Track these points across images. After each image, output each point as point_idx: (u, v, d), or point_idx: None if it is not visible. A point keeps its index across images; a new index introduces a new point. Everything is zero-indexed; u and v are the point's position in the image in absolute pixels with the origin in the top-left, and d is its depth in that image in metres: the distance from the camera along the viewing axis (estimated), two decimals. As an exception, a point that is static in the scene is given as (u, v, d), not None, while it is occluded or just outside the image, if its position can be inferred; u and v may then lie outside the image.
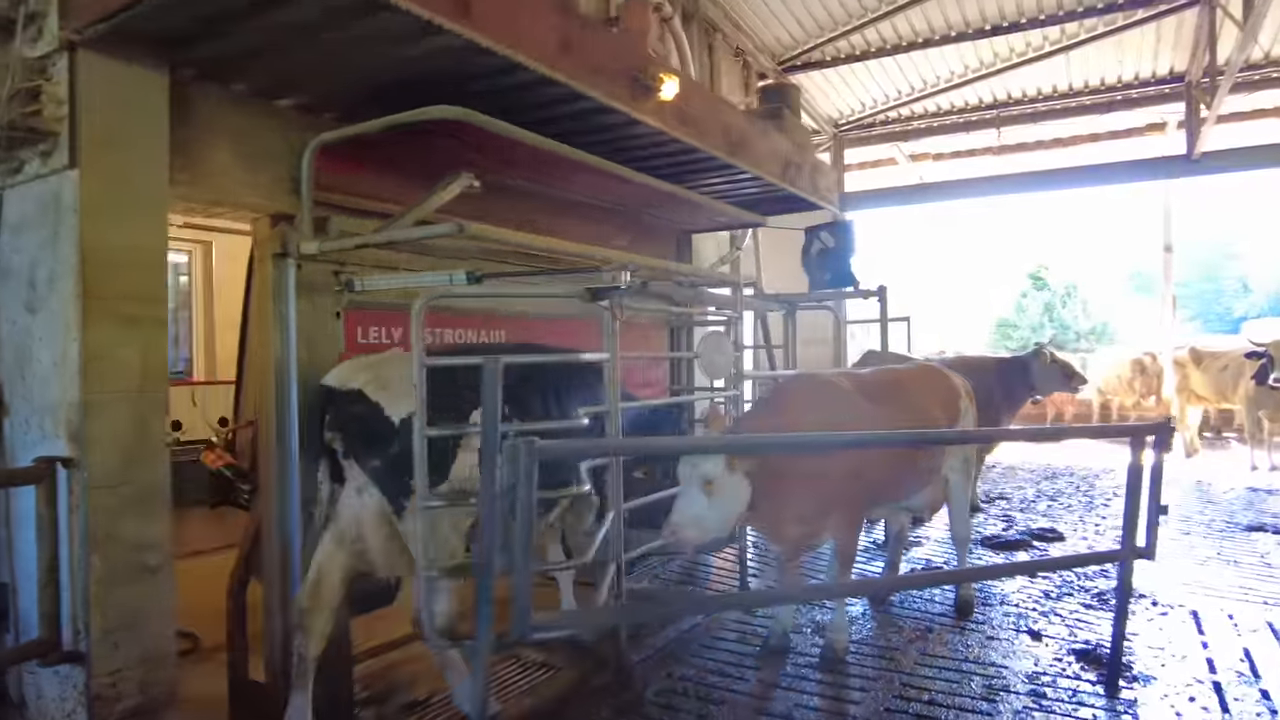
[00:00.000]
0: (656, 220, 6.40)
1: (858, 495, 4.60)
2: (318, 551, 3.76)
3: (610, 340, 4.24)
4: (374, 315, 4.32)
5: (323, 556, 3.74)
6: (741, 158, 5.28)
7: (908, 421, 4.84)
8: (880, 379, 5.06)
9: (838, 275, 7.55)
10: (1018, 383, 9.12)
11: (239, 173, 3.80)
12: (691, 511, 3.88)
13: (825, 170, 6.81)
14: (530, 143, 3.91)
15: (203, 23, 3.10)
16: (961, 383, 5.55)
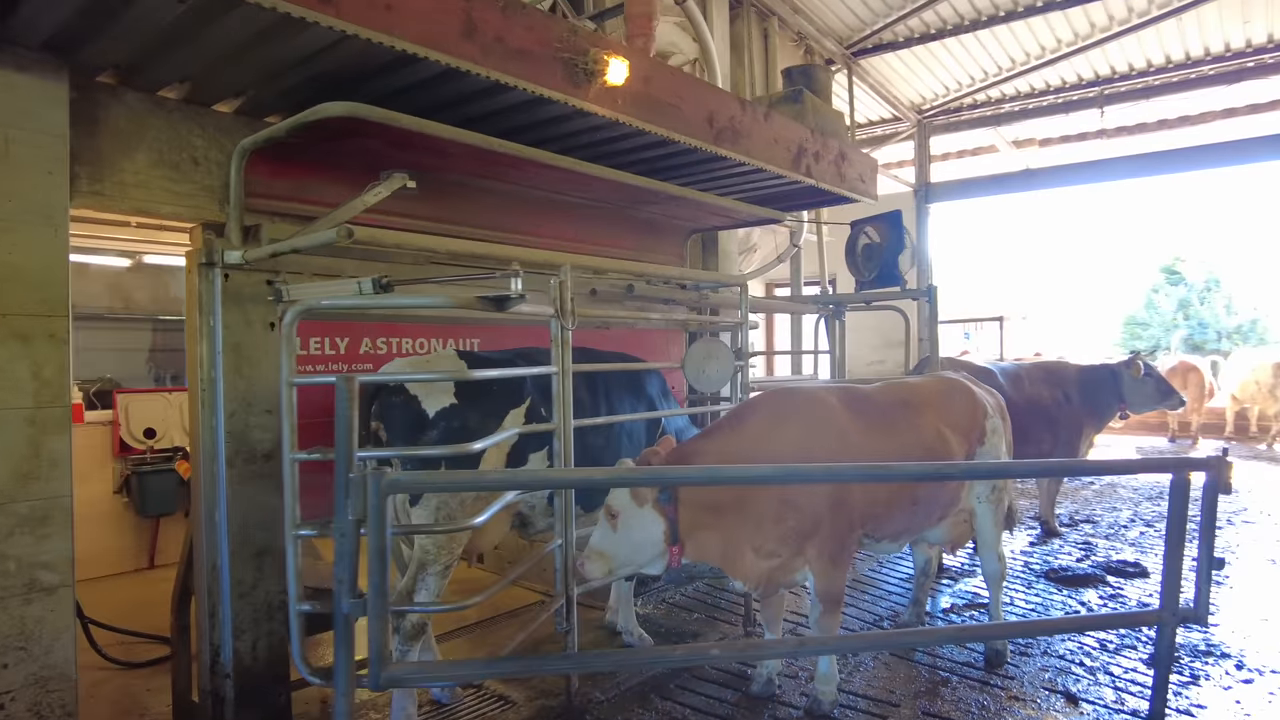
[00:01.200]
0: (663, 219, 5.92)
1: (838, 527, 3.97)
2: None
3: (559, 350, 3.86)
4: (317, 326, 4.11)
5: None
6: (731, 147, 4.73)
7: (905, 446, 4.17)
8: (881, 395, 4.38)
9: (884, 273, 6.79)
10: (1105, 393, 8.05)
11: (163, 182, 3.66)
12: (597, 544, 3.63)
13: (857, 158, 6.10)
14: (446, 136, 3.59)
15: (78, 20, 2.95)
16: (991, 400, 4.77)
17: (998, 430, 4.66)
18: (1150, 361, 8.79)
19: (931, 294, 6.57)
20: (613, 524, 3.60)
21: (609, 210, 5.52)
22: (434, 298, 3.30)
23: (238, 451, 3.78)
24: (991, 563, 4.77)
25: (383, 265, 4.39)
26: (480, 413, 3.90)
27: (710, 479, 3.54)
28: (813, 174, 5.48)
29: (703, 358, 4.85)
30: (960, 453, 4.38)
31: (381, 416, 3.82)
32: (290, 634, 3.25)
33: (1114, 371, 8.09)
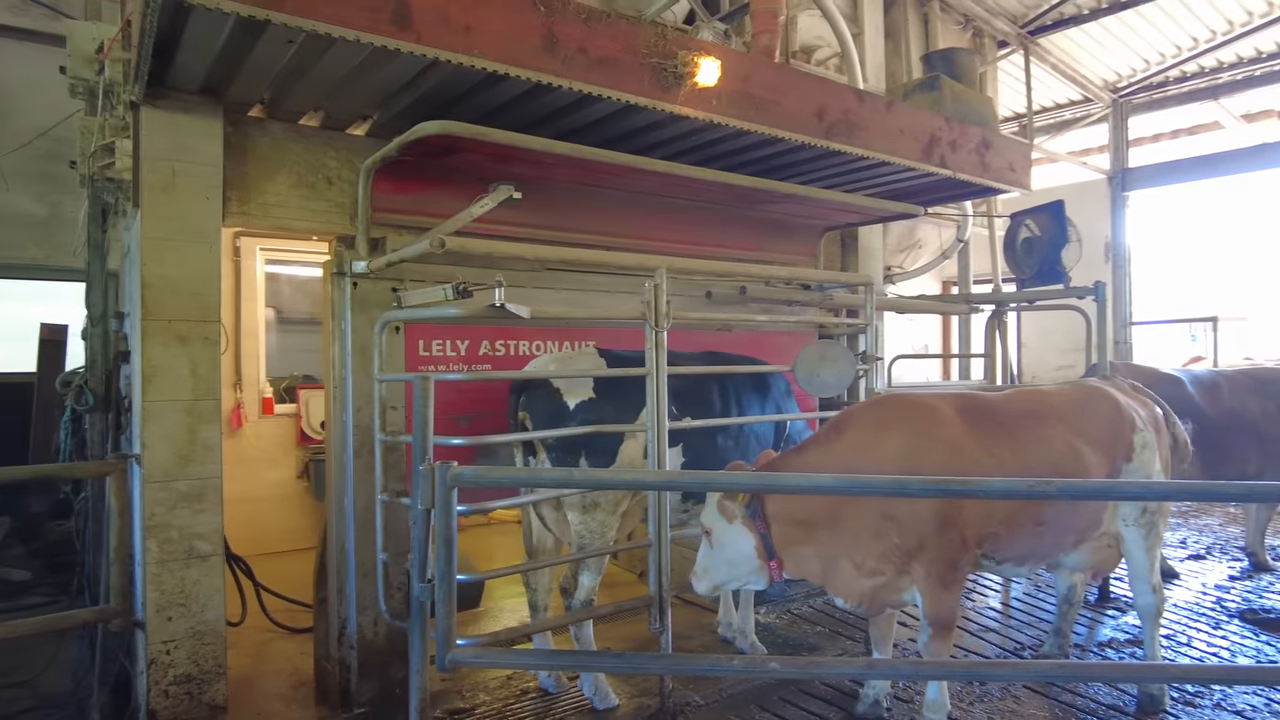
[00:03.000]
0: (789, 218, 5.73)
1: (947, 546, 3.64)
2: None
3: (653, 352, 3.87)
4: (436, 329, 4.39)
5: (537, 529, 4.31)
6: (846, 141, 4.50)
7: (1028, 462, 3.73)
8: (1005, 404, 3.94)
9: (1044, 269, 6.15)
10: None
11: (299, 200, 4.09)
12: (700, 562, 3.69)
13: (1006, 146, 5.56)
14: (535, 148, 3.70)
15: (219, 65, 3.38)
16: (1144, 411, 4.14)
17: (1149, 446, 4.05)
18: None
19: (1100, 292, 5.84)
20: (709, 540, 3.64)
21: (726, 211, 5.43)
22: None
23: (363, 443, 4.14)
24: (1145, 595, 4.15)
25: (499, 273, 4.63)
26: (615, 407, 4.04)
27: (758, 486, 3.40)
28: (948, 164, 5.07)
29: (816, 360, 4.63)
30: (1099, 471, 3.85)
31: (528, 408, 4.06)
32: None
33: (1348, 380, 6.77)
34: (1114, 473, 3.94)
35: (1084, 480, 3.04)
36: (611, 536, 4.09)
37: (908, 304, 6.48)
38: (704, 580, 3.64)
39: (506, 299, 3.48)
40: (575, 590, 4.11)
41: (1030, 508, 3.76)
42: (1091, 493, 2.79)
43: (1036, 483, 2.81)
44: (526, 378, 4.05)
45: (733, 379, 4.62)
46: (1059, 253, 6.01)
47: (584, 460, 3.99)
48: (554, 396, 3.96)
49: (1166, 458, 4.24)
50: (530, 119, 4.08)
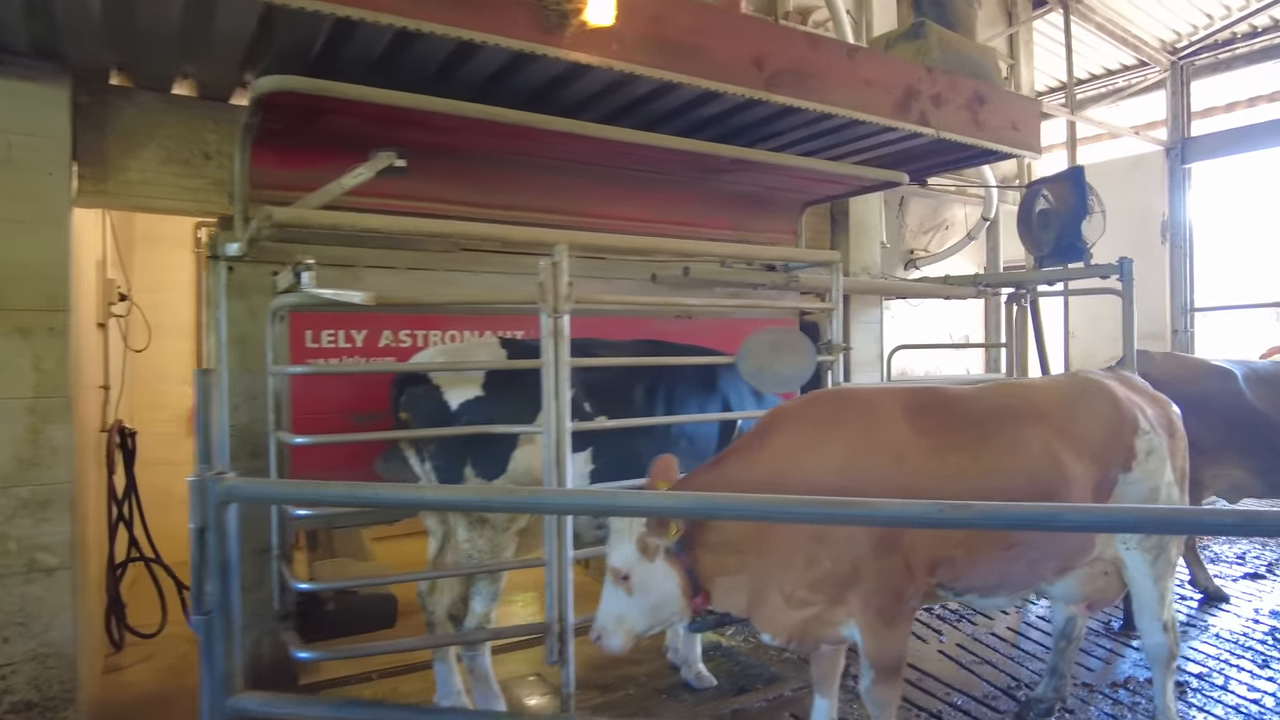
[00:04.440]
0: (765, 192, 5.04)
1: (888, 574, 2.94)
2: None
3: (551, 342, 3.29)
4: (327, 318, 3.91)
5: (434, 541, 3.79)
6: (793, 92, 3.80)
7: (994, 470, 3.00)
8: (971, 401, 3.18)
9: (1061, 245, 5.29)
10: None
11: (171, 178, 3.66)
12: (613, 611, 2.88)
13: (1006, 102, 4.73)
14: (399, 104, 3.17)
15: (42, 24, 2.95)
16: (1152, 410, 3.33)
17: (1156, 452, 3.24)
18: None
19: (1126, 270, 4.97)
20: (625, 587, 2.86)
21: (690, 186, 4.77)
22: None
23: (242, 445, 3.69)
24: (1153, 634, 3.36)
25: (410, 254, 4.12)
26: (511, 407, 3.45)
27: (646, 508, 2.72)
28: (930, 121, 4.30)
29: (765, 350, 3.95)
30: (1085, 481, 3.08)
31: (409, 407, 3.52)
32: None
33: None
34: (1107, 483, 3.16)
35: (1026, 505, 2.24)
36: (508, 557, 3.53)
37: (891, 286, 5.69)
38: (617, 634, 2.85)
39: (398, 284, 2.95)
40: (465, 618, 3.55)
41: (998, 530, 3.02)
42: (1032, 520, 2.05)
43: (948, 507, 2.10)
44: (407, 372, 3.52)
45: (671, 373, 3.99)
46: (1079, 226, 5.14)
47: (470, 469, 3.43)
48: (433, 394, 3.41)
49: (1183, 467, 3.42)
50: (419, 78, 3.54)
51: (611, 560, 2.87)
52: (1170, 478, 3.30)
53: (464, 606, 3.59)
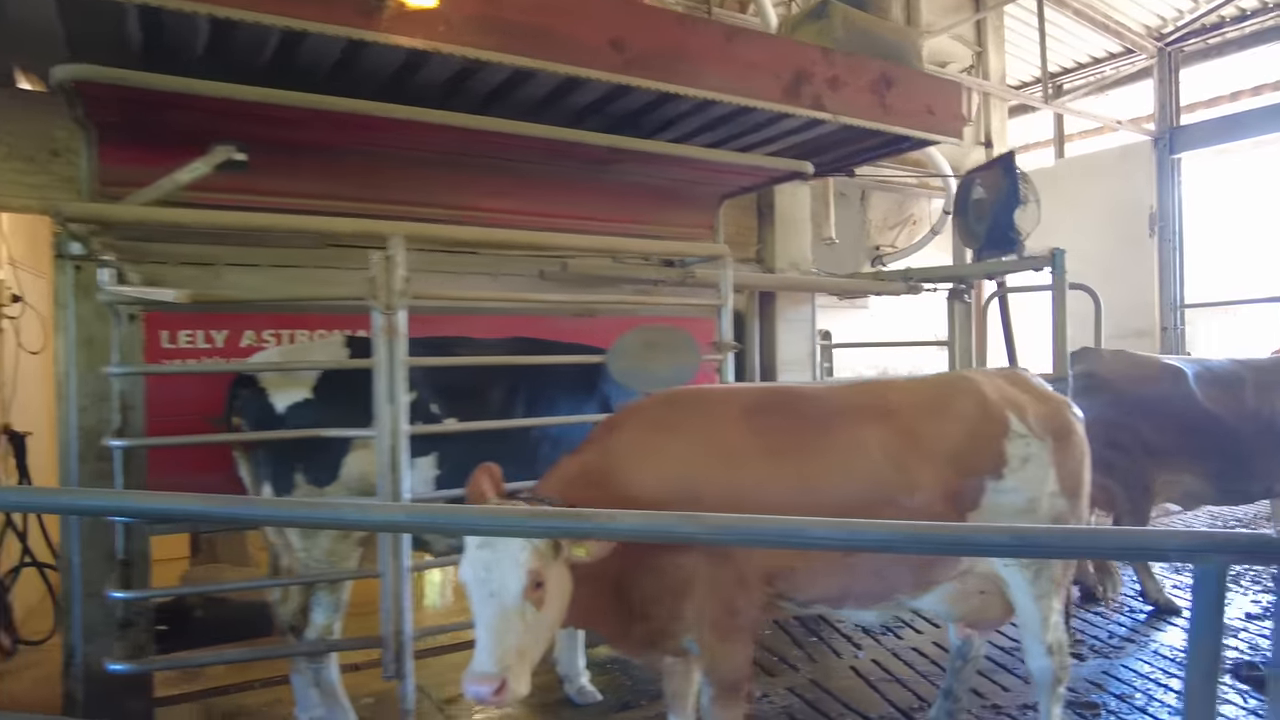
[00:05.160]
0: (677, 185, 4.80)
1: (722, 584, 2.70)
2: None
3: (384, 340, 3.10)
4: (184, 318, 3.75)
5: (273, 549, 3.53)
6: (658, 76, 3.56)
7: (832, 475, 2.74)
8: (816, 401, 2.91)
9: (992, 235, 4.97)
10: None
11: (13, 175, 3.54)
12: (511, 643, 2.20)
13: (919, 85, 4.42)
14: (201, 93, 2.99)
15: None
16: (1039, 409, 3.00)
17: (1034, 459, 2.93)
18: None
19: (1058, 262, 4.62)
20: (535, 600, 2.25)
21: (594, 180, 4.56)
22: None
23: (89, 447, 3.54)
24: (1036, 657, 3.05)
25: (276, 252, 3.96)
26: (346, 410, 3.22)
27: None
28: (826, 105, 4.03)
29: (640, 349, 3.71)
30: (938, 488, 2.79)
31: (241, 410, 3.35)
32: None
33: None
34: (970, 490, 2.87)
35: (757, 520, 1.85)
36: (350, 566, 3.33)
37: (811, 282, 5.38)
38: (523, 674, 2.21)
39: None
40: (306, 629, 3.36)
41: None
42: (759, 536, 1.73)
43: (680, 519, 1.87)
44: (240, 374, 3.34)
45: (542, 373, 3.77)
46: (1011, 215, 4.81)
47: (300, 476, 3.24)
48: (260, 397, 3.23)
49: (1076, 475, 3.08)
50: (256, 69, 3.37)
51: (528, 566, 2.21)
52: (1054, 488, 2.98)
53: (304, 618, 3.40)
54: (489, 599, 2.21)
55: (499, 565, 2.22)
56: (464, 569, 2.27)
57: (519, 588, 2.20)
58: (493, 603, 2.20)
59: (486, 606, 2.21)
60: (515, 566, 2.21)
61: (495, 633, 2.19)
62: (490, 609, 2.20)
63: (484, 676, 2.13)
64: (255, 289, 3.81)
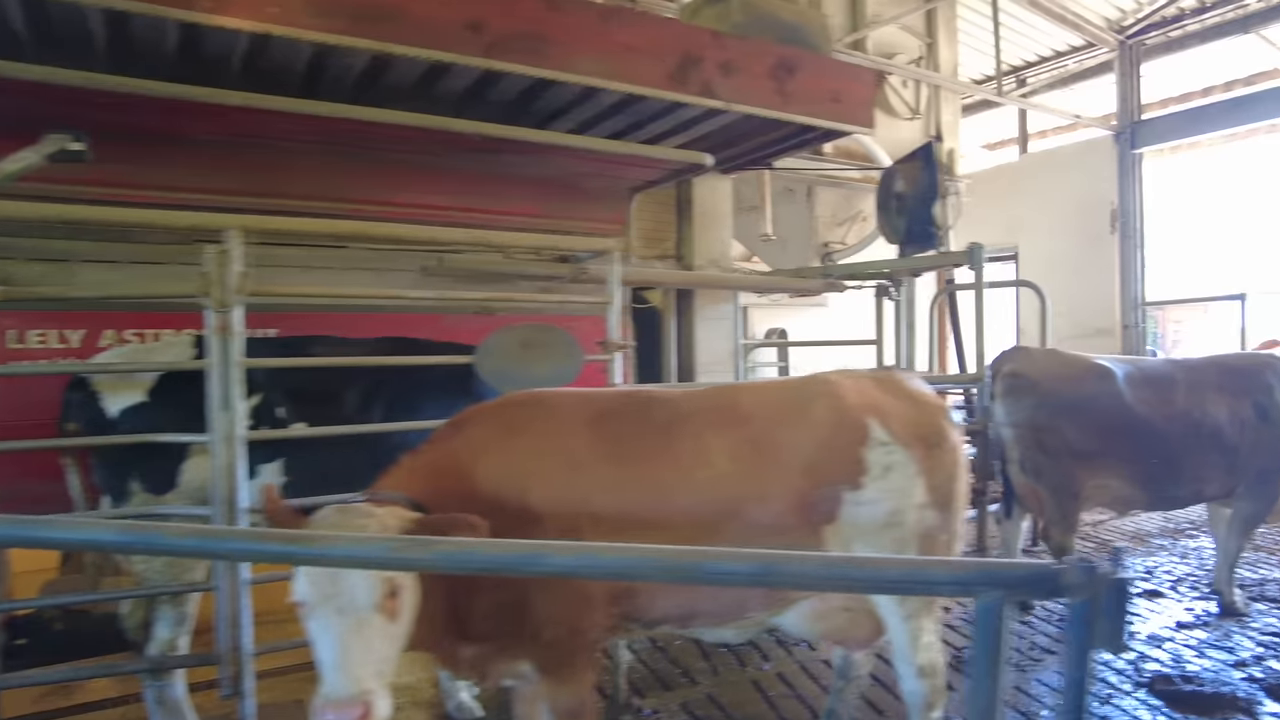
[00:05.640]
0: (579, 178, 4.60)
1: (560, 604, 2.50)
2: None
3: (219, 341, 2.90)
4: (35, 317, 3.54)
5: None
6: (527, 59, 3.36)
7: (674, 484, 2.55)
8: (671, 406, 2.71)
9: (912, 230, 4.77)
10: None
11: None
12: (369, 660, 1.96)
13: (826, 70, 4.22)
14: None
15: None
16: (900, 419, 2.79)
17: (898, 467, 2.72)
18: None
19: (976, 258, 4.42)
20: (391, 609, 2.01)
21: (481, 170, 4.36)
22: None
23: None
24: (907, 679, 2.85)
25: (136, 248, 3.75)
26: (182, 412, 3.04)
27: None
28: (717, 92, 3.82)
29: (513, 350, 3.53)
30: (789, 495, 2.60)
31: (74, 415, 3.16)
32: None
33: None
34: (826, 500, 2.66)
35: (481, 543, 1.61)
36: (198, 579, 3.13)
37: (719, 279, 5.17)
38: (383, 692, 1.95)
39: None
40: (148, 644, 3.16)
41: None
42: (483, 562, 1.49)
43: (404, 544, 1.66)
44: (77, 375, 3.14)
45: (409, 374, 3.57)
46: (930, 209, 4.61)
47: (136, 484, 3.04)
48: (91, 401, 3.03)
49: (948, 486, 2.87)
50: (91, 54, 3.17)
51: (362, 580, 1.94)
52: (922, 499, 2.77)
53: (147, 632, 3.20)
54: (337, 615, 1.95)
55: (348, 576, 1.95)
56: (300, 585, 1.97)
57: (373, 599, 1.95)
58: (342, 619, 1.95)
59: (335, 623, 1.95)
60: (367, 575, 1.95)
61: (349, 651, 1.94)
62: (340, 625, 1.95)
63: (344, 702, 1.88)
64: (110, 285, 3.61)
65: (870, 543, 2.70)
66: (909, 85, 7.65)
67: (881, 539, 2.71)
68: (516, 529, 2.47)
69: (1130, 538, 6.92)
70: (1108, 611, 1.43)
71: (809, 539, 2.63)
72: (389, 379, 3.61)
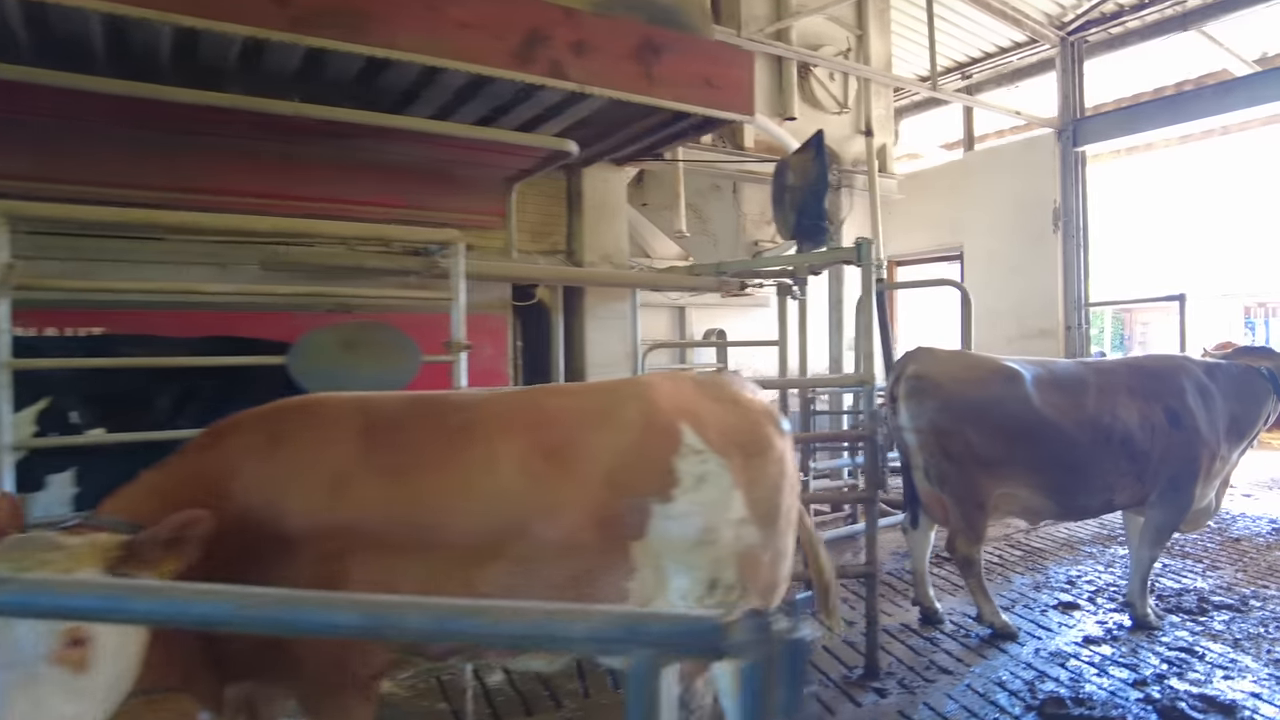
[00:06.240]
0: (445, 166, 4.30)
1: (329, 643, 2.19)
2: None
3: None
4: None
5: None
6: (343, 35, 3.05)
7: (455, 498, 2.25)
8: (459, 410, 2.39)
9: (801, 225, 4.48)
10: (1257, 393, 4.85)
11: None
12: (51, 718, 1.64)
13: (699, 51, 3.92)
14: None
15: None
16: (718, 425, 2.49)
17: (712, 479, 2.42)
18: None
19: (863, 253, 4.13)
20: (76, 660, 1.65)
21: (335, 157, 4.05)
22: None
23: None
24: (729, 716, 2.55)
25: None
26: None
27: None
28: (568, 73, 3.52)
29: (334, 350, 3.20)
30: (586, 508, 2.29)
31: None
32: None
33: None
34: (633, 515, 2.36)
35: None
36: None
37: (604, 276, 4.85)
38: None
39: None
40: None
41: (457, 574, 2.24)
42: None
43: None
44: None
45: (234, 376, 3.26)
46: (820, 202, 4.33)
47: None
48: None
49: (771, 497, 2.58)
50: None
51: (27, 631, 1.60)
52: (741, 513, 2.48)
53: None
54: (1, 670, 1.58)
55: (6, 626, 1.59)
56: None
57: (42, 650, 1.61)
58: (7, 674, 1.58)
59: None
60: (32, 624, 1.60)
61: (17, 711, 1.58)
62: (5, 681, 1.57)
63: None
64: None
65: (683, 561, 2.41)
66: (836, 78, 7.39)
67: (694, 557, 2.41)
68: (271, 556, 2.17)
69: (1061, 545, 6.68)
70: (783, 677, 1.14)
71: (614, 557, 2.33)
72: (209, 382, 3.29)
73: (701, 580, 2.43)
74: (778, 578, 2.58)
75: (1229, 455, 4.83)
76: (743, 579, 2.45)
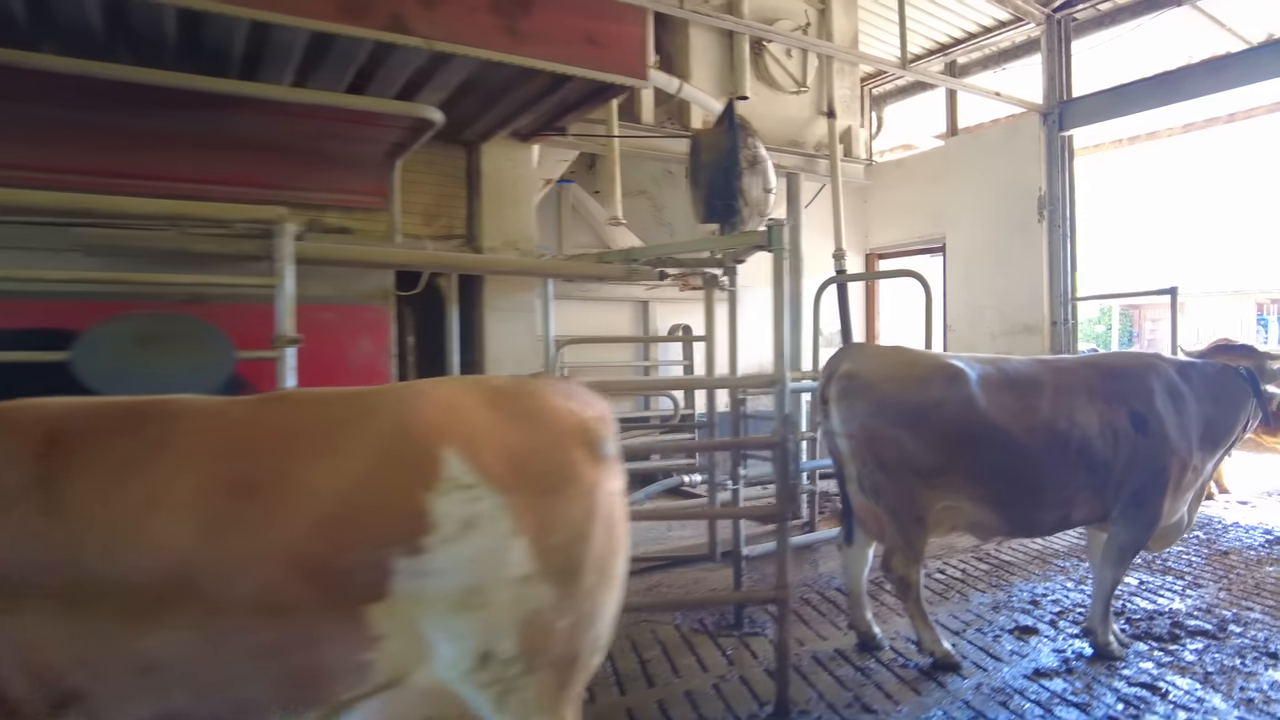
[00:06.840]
0: (310, 140, 3.83)
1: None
2: None
3: None
4: None
5: None
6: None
7: (101, 550, 1.74)
8: (148, 423, 1.90)
9: (714, 204, 3.97)
10: (1234, 396, 4.27)
11: None
12: None
13: (578, 8, 3.43)
14: None
15: None
16: (498, 449, 1.92)
17: (486, 522, 1.86)
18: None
19: (775, 238, 3.62)
20: None
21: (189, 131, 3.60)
22: None
23: None
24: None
25: None
26: None
27: None
28: (411, 27, 3.03)
29: (127, 344, 2.74)
30: (283, 566, 1.75)
31: None
32: None
33: (1259, 366, 4.27)
34: (365, 572, 1.80)
35: None
36: None
37: (506, 263, 4.35)
38: None
39: None
40: None
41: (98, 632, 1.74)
42: None
43: None
44: None
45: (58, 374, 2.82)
46: (732, 181, 3.82)
47: None
48: None
49: (572, 545, 2.01)
50: None
51: None
52: (524, 569, 1.89)
53: None
54: None
55: None
56: None
57: None
58: None
59: None
60: None
61: None
62: None
63: None
64: None
65: (447, 628, 1.89)
66: (794, 55, 6.86)
67: (460, 624, 1.88)
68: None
69: (1033, 558, 6.12)
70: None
71: (341, 623, 1.82)
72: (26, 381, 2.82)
73: (470, 651, 1.91)
74: (579, 648, 2.03)
75: (1202, 465, 4.26)
76: (528, 651, 1.92)
